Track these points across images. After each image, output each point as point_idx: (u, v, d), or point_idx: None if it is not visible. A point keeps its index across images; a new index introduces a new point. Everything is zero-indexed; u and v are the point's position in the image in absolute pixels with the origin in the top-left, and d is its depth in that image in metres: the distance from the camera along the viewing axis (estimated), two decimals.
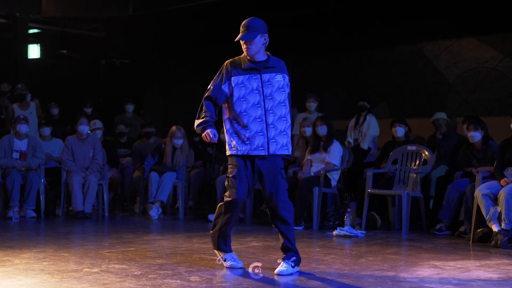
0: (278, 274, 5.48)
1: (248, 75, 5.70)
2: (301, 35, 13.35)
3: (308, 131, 9.92)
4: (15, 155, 10.34)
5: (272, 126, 5.67)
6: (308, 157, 9.56)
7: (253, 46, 5.68)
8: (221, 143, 10.80)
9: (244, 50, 5.74)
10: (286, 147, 5.74)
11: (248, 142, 5.66)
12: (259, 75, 5.70)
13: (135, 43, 15.61)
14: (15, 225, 9.26)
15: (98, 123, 11.89)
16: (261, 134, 5.66)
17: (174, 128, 10.66)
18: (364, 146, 10.53)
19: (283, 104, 5.73)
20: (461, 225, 8.27)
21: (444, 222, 8.50)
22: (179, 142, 10.58)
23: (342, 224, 8.56)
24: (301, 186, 9.11)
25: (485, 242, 7.63)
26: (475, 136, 8.55)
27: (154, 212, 10.18)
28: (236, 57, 5.85)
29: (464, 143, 8.92)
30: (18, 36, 13.88)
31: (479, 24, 11.48)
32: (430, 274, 5.68)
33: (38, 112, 12.19)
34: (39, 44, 14.98)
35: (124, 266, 5.80)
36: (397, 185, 9.03)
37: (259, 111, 5.67)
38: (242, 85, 5.69)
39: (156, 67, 15.97)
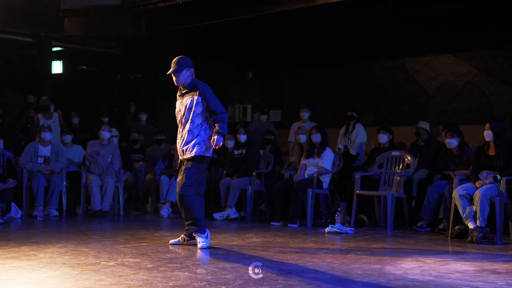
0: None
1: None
2: (295, 52, 13.38)
3: (303, 138, 9.91)
4: (40, 160, 10.33)
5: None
6: (303, 161, 9.55)
7: (181, 77, 7.02)
8: (225, 149, 10.81)
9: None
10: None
11: None
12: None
13: (147, 59, 15.62)
14: (39, 223, 9.25)
15: (114, 131, 11.88)
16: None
17: None
18: (353, 152, 10.52)
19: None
20: (440, 222, 8.27)
21: (425, 220, 8.49)
22: None
23: (333, 222, 8.56)
24: (296, 188, 9.10)
25: (462, 238, 7.62)
26: (452, 142, 8.55)
27: (165, 211, 10.16)
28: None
29: (442, 149, 8.92)
30: (43, 53, 13.87)
31: (455, 41, 11.50)
32: (413, 267, 5.66)
33: (60, 121, 12.19)
34: (61, 61, 14.97)
35: (137, 260, 5.79)
36: (382, 186, 9.02)
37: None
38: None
39: (166, 81, 15.92)
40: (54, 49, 14.60)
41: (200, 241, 6.60)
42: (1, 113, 12.10)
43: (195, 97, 6.87)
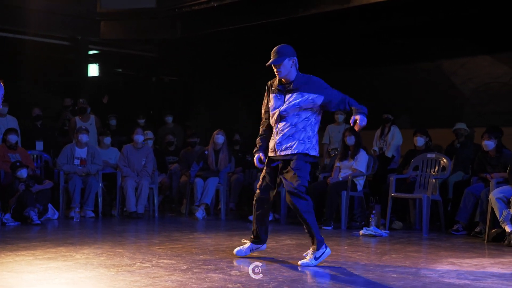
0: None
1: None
2: (329, 53, 13.33)
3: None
4: (76, 162, 10.44)
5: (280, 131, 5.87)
6: (337, 164, 9.51)
7: (282, 69, 5.81)
8: None
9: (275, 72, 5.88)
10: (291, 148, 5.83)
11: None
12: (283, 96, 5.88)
13: (182, 62, 15.72)
14: (76, 224, 9.35)
15: (149, 134, 11.97)
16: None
17: (216, 130, 10.71)
18: (389, 154, 10.46)
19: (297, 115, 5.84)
20: (476, 226, 8.17)
21: (461, 223, 8.40)
22: (220, 140, 10.59)
23: (367, 225, 8.50)
24: (330, 190, 9.07)
25: (498, 242, 7.53)
26: (489, 144, 8.45)
27: (200, 213, 10.18)
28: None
29: (479, 151, 8.82)
30: (80, 57, 14.05)
31: (492, 42, 11.36)
32: (449, 270, 5.61)
33: (97, 123, 12.31)
34: (98, 64, 15.13)
35: (172, 261, 5.82)
36: (418, 189, 8.95)
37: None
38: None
39: (201, 83, 16.04)
40: (91, 52, 14.78)
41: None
42: (41, 115, 12.29)
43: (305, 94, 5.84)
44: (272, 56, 5.85)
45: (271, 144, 5.97)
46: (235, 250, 6.24)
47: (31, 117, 12.38)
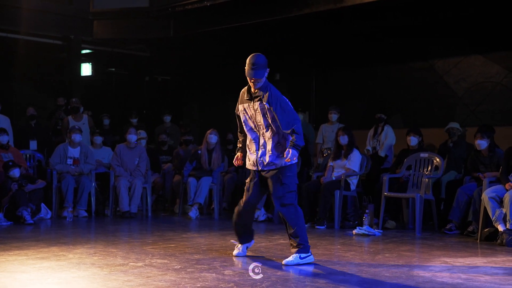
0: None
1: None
2: (323, 53, 13.35)
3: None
4: (69, 161, 10.43)
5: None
6: (330, 163, 9.52)
7: (260, 82, 5.83)
8: None
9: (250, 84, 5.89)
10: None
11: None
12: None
13: (175, 61, 15.71)
14: (69, 224, 9.34)
15: (142, 133, 11.96)
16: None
17: (209, 130, 10.71)
18: (382, 153, 10.47)
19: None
20: (469, 225, 8.19)
21: (454, 222, 8.42)
22: (213, 140, 10.58)
23: (361, 224, 8.51)
24: (323, 190, 9.07)
25: (491, 241, 7.55)
26: (482, 144, 8.47)
27: (193, 213, 10.18)
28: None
29: (472, 151, 8.84)
30: (72, 56, 14.01)
31: (485, 42, 11.39)
32: (441, 270, 5.62)
33: (90, 123, 12.29)
34: (90, 63, 15.10)
35: (165, 261, 5.82)
36: (411, 188, 8.96)
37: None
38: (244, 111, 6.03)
39: (194, 82, 16.03)
40: (84, 51, 14.75)
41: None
42: (36, 114, 12.26)
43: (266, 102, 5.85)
44: (251, 66, 5.77)
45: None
46: (234, 252, 6.29)
47: (24, 116, 12.36)
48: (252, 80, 5.82)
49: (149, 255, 6.15)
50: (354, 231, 8.27)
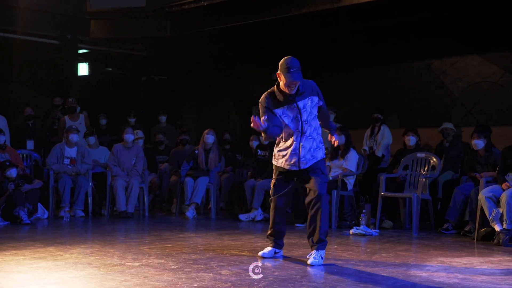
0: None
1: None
2: (319, 53, 13.34)
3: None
4: (66, 161, 10.42)
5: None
6: (327, 163, 9.53)
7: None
8: (250, 150, 10.80)
9: (285, 86, 5.85)
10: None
11: None
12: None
13: (172, 61, 15.70)
14: (66, 224, 9.33)
15: (140, 133, 11.96)
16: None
17: (206, 130, 10.70)
18: (379, 153, 10.48)
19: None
20: (466, 225, 8.20)
21: (451, 222, 8.43)
22: (210, 140, 10.57)
23: (358, 224, 8.52)
24: None
25: (488, 241, 7.55)
26: (478, 143, 8.48)
27: (190, 213, 10.17)
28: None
29: (469, 150, 8.85)
30: (69, 56, 14.00)
31: (482, 42, 11.39)
32: (438, 269, 5.62)
33: (86, 123, 12.29)
34: (87, 63, 15.08)
35: (162, 261, 5.81)
36: (407, 188, 8.97)
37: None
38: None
39: (191, 82, 16.02)
40: (80, 51, 14.73)
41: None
42: (34, 114, 12.24)
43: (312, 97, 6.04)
44: (290, 70, 5.78)
45: None
46: (260, 252, 6.26)
47: (22, 116, 12.35)
48: (292, 85, 5.79)
49: (146, 255, 6.14)
50: (351, 231, 8.27)
